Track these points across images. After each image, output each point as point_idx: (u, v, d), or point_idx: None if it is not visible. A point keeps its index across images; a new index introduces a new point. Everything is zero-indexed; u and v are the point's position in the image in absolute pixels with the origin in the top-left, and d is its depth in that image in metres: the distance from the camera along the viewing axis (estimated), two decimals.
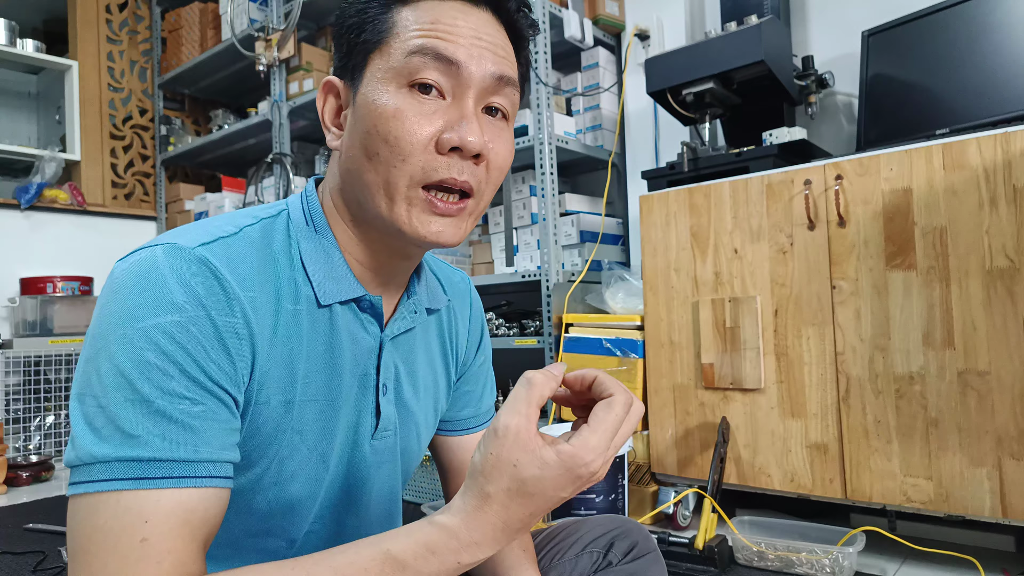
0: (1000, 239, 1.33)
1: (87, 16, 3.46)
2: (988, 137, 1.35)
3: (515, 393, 0.52)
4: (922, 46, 1.72)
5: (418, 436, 0.76)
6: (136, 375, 0.51)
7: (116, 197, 3.51)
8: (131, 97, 3.62)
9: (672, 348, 1.79)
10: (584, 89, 2.43)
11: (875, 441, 1.47)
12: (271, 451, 0.60)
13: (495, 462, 0.50)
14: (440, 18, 0.59)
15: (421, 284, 0.74)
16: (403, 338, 0.71)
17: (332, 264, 0.64)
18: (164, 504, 0.50)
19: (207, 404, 0.53)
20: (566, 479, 0.50)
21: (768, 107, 1.93)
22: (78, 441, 0.50)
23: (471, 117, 0.59)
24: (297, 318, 0.61)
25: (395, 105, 0.58)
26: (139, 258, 0.55)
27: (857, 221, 1.50)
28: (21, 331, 2.92)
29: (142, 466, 0.50)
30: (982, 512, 1.34)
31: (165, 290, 0.53)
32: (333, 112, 0.66)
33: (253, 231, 0.62)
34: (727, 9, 2.04)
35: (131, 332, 0.51)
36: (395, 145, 0.58)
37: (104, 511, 0.49)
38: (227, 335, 0.55)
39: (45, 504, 2.23)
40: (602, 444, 0.50)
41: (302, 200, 0.67)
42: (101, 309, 0.54)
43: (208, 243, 0.57)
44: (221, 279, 0.55)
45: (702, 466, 1.73)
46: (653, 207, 1.84)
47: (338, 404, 0.64)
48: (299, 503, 0.64)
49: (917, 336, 1.42)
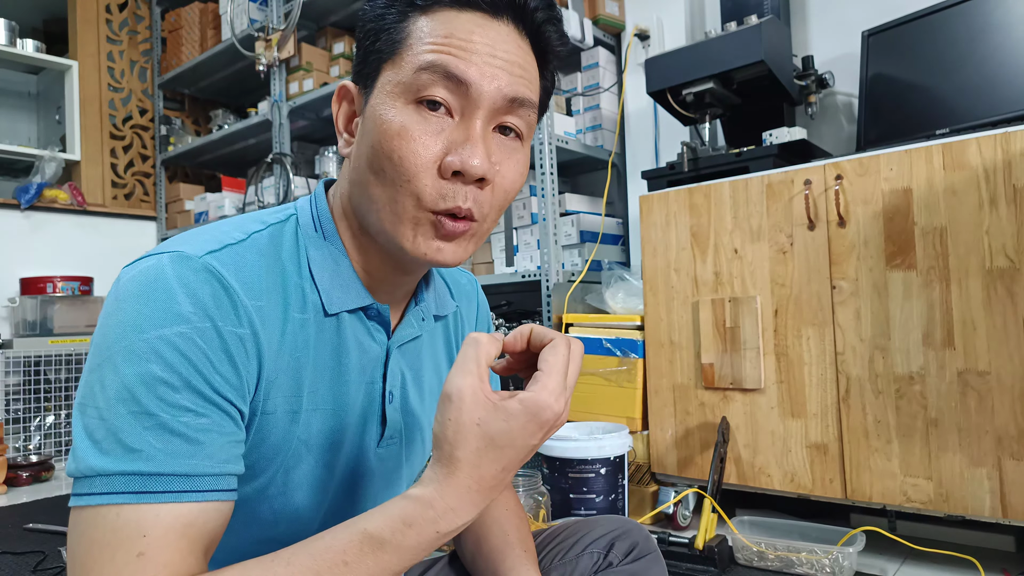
0: (1000, 239, 1.33)
1: (87, 16, 3.45)
2: (988, 137, 1.35)
3: (463, 354, 0.52)
4: (922, 46, 1.72)
5: (423, 441, 0.76)
6: (140, 387, 0.50)
7: (116, 197, 3.51)
8: (131, 97, 3.61)
9: (672, 348, 1.79)
10: (584, 89, 2.43)
11: (875, 441, 1.47)
12: (277, 461, 0.60)
13: (456, 427, 0.50)
14: (455, 31, 0.56)
15: (429, 291, 0.73)
16: (410, 345, 0.71)
17: (340, 272, 0.63)
18: (163, 518, 0.49)
19: (212, 417, 0.52)
20: (534, 425, 0.50)
21: (768, 107, 1.93)
22: (79, 453, 0.50)
23: (476, 140, 0.56)
24: (304, 327, 0.60)
25: (400, 122, 0.56)
26: (146, 266, 0.54)
27: (857, 221, 1.50)
28: (21, 331, 2.92)
29: (142, 480, 0.49)
30: (982, 512, 1.34)
31: (171, 300, 0.52)
32: (347, 117, 0.64)
33: (261, 238, 0.61)
34: (727, 9, 2.04)
35: (136, 343, 0.51)
36: (399, 165, 0.56)
37: (103, 524, 0.49)
38: (233, 346, 0.54)
39: (45, 504, 2.23)
40: (559, 385, 0.51)
41: (311, 204, 0.66)
42: (106, 318, 0.53)
43: (216, 251, 0.56)
44: (228, 288, 0.55)
45: (702, 466, 1.73)
46: (653, 207, 1.84)
47: (344, 412, 0.64)
48: (304, 511, 0.63)
49: (917, 336, 1.42)
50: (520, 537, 0.77)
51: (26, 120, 3.67)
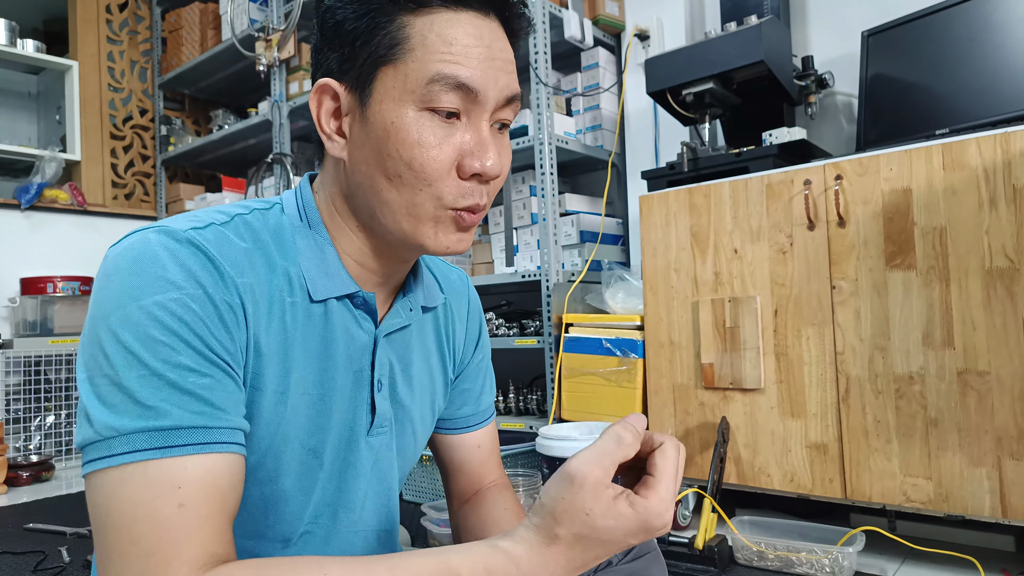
0: (1000, 239, 1.33)
1: (87, 16, 3.46)
2: (988, 137, 1.35)
3: (601, 445, 0.52)
4: (921, 46, 1.72)
5: (414, 433, 0.76)
6: (143, 351, 0.51)
7: (116, 197, 3.52)
8: (131, 97, 3.61)
9: (672, 348, 1.80)
10: (584, 89, 2.43)
11: (875, 441, 1.47)
12: (265, 442, 0.60)
13: (568, 507, 0.51)
14: (457, 38, 0.58)
15: (418, 282, 0.74)
16: (398, 335, 0.72)
17: (325, 260, 0.64)
18: (193, 470, 0.50)
19: (214, 376, 0.54)
20: (641, 530, 0.51)
21: (768, 107, 1.93)
22: (95, 417, 0.51)
23: (489, 142, 0.61)
24: (293, 309, 0.62)
25: (417, 130, 0.58)
26: (132, 241, 0.56)
27: (857, 221, 1.50)
28: (21, 331, 2.92)
29: (164, 435, 0.50)
30: (982, 512, 1.34)
31: (161, 268, 0.54)
32: (330, 115, 0.63)
33: (245, 220, 0.62)
34: (727, 9, 2.04)
35: (132, 311, 0.52)
36: (420, 171, 0.59)
37: (133, 482, 0.49)
38: (224, 312, 0.56)
39: (45, 504, 2.23)
40: (670, 494, 0.52)
41: (296, 196, 0.67)
42: (98, 293, 0.54)
43: (200, 228, 0.58)
44: (214, 260, 0.56)
45: (702, 466, 1.73)
46: (653, 207, 1.84)
47: (331, 399, 0.65)
48: (293, 498, 0.64)
49: (917, 336, 1.42)
50: None
51: (26, 120, 3.67)
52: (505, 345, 2.19)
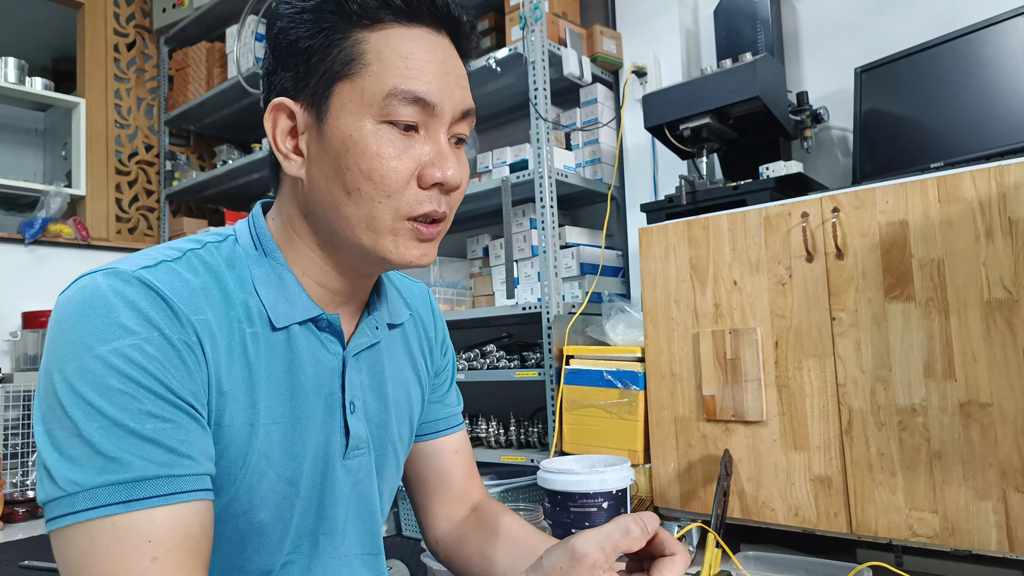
0: (997, 271, 1.34)
1: (95, 55, 3.53)
2: (982, 170, 1.37)
3: (609, 532, 0.53)
4: (914, 82, 1.75)
5: (395, 451, 0.75)
6: (102, 402, 0.50)
7: (120, 231, 3.54)
8: (137, 133, 3.67)
9: (673, 380, 1.79)
10: (583, 124, 2.47)
11: (879, 474, 1.46)
12: (239, 476, 0.59)
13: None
14: (413, 52, 0.60)
15: (382, 300, 0.74)
16: (367, 354, 0.71)
17: (284, 286, 0.64)
18: (161, 522, 0.49)
19: (176, 420, 0.53)
20: None
21: (764, 141, 1.95)
22: (56, 472, 0.50)
23: (447, 153, 0.62)
24: (254, 340, 0.61)
25: (376, 142, 0.59)
26: (80, 285, 0.56)
27: (855, 253, 1.51)
28: (22, 365, 2.92)
29: (128, 488, 0.49)
30: (988, 546, 1.33)
31: (112, 312, 0.53)
32: (286, 134, 0.64)
33: (197, 255, 0.61)
34: (722, 47, 2.09)
35: (87, 361, 0.51)
36: (379, 183, 0.59)
37: (103, 537, 0.48)
38: (183, 351, 0.55)
39: (41, 541, 2.20)
40: None
41: (249, 224, 0.68)
42: (51, 342, 0.53)
43: (150, 266, 0.57)
44: (166, 298, 0.55)
45: (705, 500, 1.72)
46: (652, 239, 1.85)
47: (303, 426, 0.64)
48: (270, 529, 0.63)
49: (918, 367, 1.42)
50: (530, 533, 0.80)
51: (32, 156, 3.72)
52: (506, 377, 2.18)
